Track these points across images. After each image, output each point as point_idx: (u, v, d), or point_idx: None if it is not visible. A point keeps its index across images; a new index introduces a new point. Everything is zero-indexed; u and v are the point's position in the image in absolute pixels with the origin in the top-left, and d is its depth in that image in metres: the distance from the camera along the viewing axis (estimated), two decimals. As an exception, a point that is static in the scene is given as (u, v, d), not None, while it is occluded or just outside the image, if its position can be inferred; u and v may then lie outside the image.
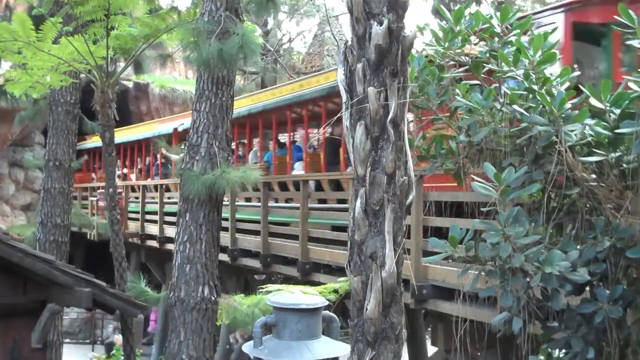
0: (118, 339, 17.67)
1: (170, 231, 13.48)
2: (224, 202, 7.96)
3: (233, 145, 13.87)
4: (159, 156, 17.00)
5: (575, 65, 6.12)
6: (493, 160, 3.82)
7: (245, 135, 13.52)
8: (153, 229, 15.43)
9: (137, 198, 16.96)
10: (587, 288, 3.55)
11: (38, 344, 6.36)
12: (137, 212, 16.63)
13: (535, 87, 3.65)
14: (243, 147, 13.74)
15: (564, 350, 3.57)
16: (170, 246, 13.38)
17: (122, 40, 8.11)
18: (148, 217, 16.02)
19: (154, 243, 15.23)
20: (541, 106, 3.59)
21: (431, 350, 8.81)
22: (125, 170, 20.06)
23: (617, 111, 3.45)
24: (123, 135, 18.57)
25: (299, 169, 11.14)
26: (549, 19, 6.85)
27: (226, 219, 10.84)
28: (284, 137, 13.62)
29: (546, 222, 3.64)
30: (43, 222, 10.01)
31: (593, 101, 3.54)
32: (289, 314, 3.29)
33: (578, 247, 3.47)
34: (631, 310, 3.42)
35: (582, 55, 7.16)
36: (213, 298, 7.13)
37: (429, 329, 9.63)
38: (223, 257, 9.83)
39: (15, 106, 13.38)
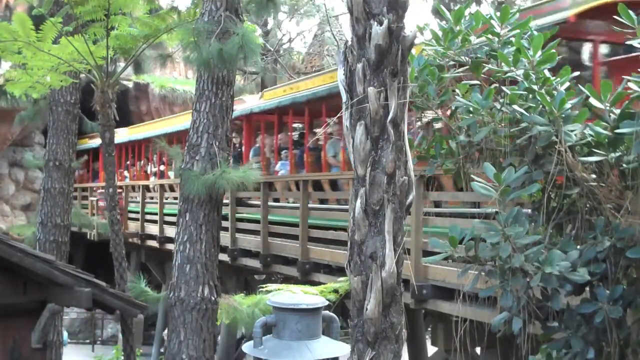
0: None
1: (170, 231, 13.46)
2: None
3: (297, 135, 12.04)
4: None
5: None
6: (493, 160, 3.81)
7: (321, 122, 11.02)
8: (153, 229, 15.41)
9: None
10: (587, 288, 3.54)
11: (38, 344, 6.37)
12: (137, 212, 16.60)
13: (535, 87, 3.65)
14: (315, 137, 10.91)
15: (564, 350, 3.56)
16: (170, 246, 13.37)
17: (122, 40, 8.11)
18: (148, 217, 15.99)
19: (154, 243, 15.23)
20: (541, 106, 3.59)
21: (431, 350, 8.81)
22: (162, 167, 17.11)
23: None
24: (160, 127, 16.75)
25: None
26: None
27: (226, 219, 10.81)
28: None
29: (546, 222, 3.64)
30: (43, 222, 10.02)
31: (593, 101, 3.54)
32: (289, 314, 3.29)
33: (578, 247, 3.46)
34: (631, 310, 3.41)
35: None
36: (213, 298, 7.13)
37: (429, 329, 9.62)
38: (223, 257, 9.82)
39: (15, 106, 13.41)
